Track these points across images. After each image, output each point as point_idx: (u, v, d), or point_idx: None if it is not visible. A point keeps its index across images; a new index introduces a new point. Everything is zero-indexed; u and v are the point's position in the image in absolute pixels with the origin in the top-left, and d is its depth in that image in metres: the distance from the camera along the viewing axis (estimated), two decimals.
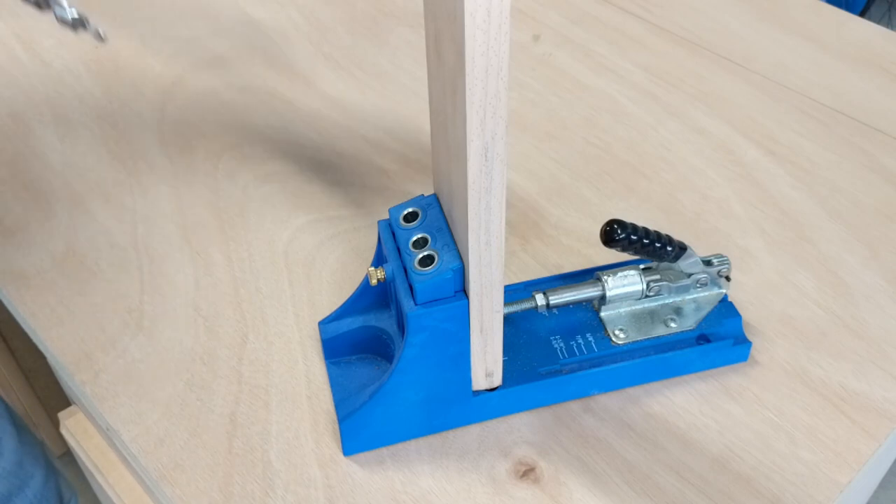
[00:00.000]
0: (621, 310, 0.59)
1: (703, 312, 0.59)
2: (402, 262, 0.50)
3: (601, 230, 0.52)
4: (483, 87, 0.38)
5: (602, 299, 0.58)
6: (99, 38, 0.67)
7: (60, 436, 0.73)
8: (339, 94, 0.83)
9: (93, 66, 0.87)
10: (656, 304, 0.60)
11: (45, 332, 0.62)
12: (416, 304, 0.48)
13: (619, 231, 0.52)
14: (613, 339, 0.58)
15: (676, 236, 0.56)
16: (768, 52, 0.89)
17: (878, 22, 1.35)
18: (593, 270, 0.61)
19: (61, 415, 0.72)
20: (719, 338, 0.58)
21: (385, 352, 0.58)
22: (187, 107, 0.82)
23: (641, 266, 0.59)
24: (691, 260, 0.57)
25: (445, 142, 0.47)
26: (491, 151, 0.41)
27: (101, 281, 0.66)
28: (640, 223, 0.54)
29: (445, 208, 0.51)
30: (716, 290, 0.60)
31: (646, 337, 0.58)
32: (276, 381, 0.59)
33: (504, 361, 0.54)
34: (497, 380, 0.55)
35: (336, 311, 0.60)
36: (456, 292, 0.49)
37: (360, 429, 0.54)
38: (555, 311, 0.58)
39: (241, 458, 0.55)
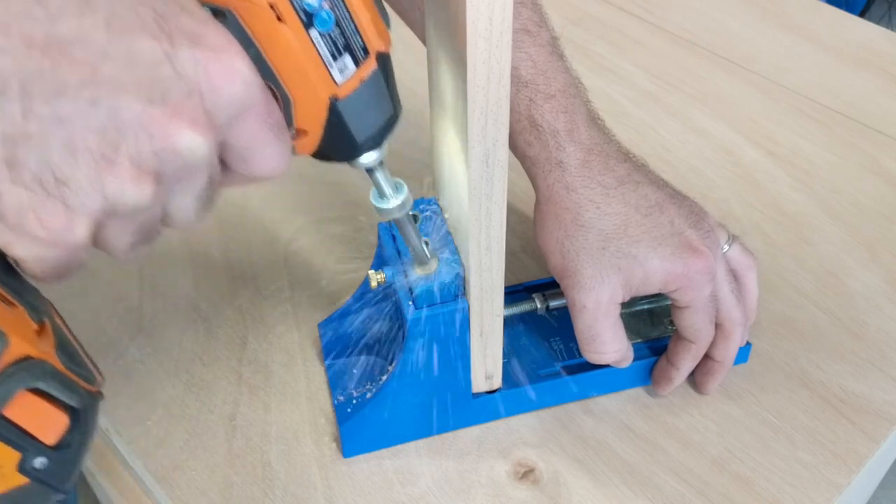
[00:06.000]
0: (621, 312, 0.59)
1: None
2: (402, 265, 0.50)
3: None
4: (485, 95, 0.38)
5: None
6: None
7: None
8: None
9: None
10: (656, 305, 0.60)
11: None
12: (416, 308, 0.48)
13: None
14: None
15: None
16: (768, 52, 0.89)
17: (878, 22, 1.35)
18: None
19: None
20: None
21: (385, 353, 0.58)
22: None
23: None
24: None
25: (446, 146, 0.47)
26: (492, 158, 0.41)
27: (101, 281, 0.66)
28: None
29: (446, 212, 0.51)
30: None
31: (645, 339, 0.59)
32: (275, 382, 0.59)
33: (504, 363, 0.54)
34: (497, 382, 0.55)
35: (336, 313, 0.60)
36: (456, 296, 0.49)
37: (361, 431, 0.54)
38: (554, 312, 0.58)
39: (241, 459, 0.55)
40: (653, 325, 0.60)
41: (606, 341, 0.52)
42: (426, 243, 0.48)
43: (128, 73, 0.30)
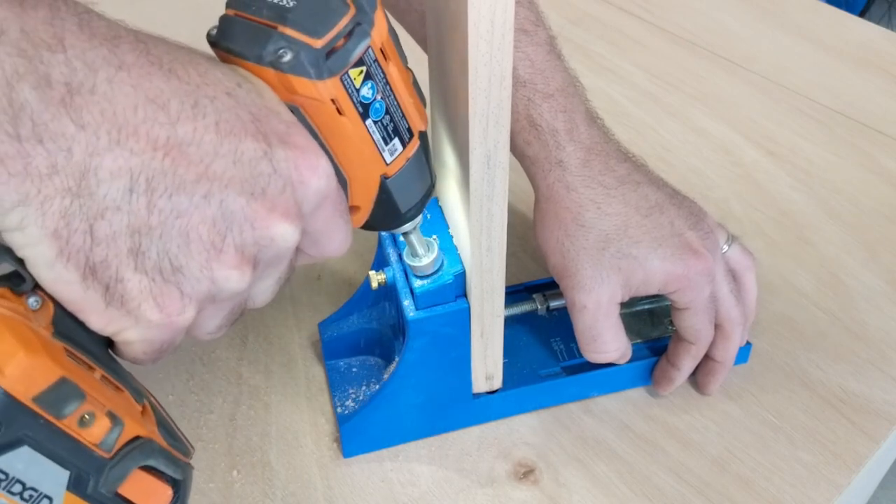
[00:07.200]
0: (621, 311, 0.59)
1: None
2: (402, 266, 0.50)
3: None
4: (486, 97, 0.38)
5: None
6: None
7: None
8: None
9: None
10: (656, 305, 0.60)
11: None
12: (416, 309, 0.49)
13: None
14: None
15: None
16: (768, 52, 0.89)
17: (878, 22, 1.35)
18: None
19: None
20: None
21: (385, 353, 0.58)
22: None
23: None
24: None
25: (447, 147, 0.47)
26: (493, 160, 0.41)
27: None
28: None
29: (446, 212, 0.51)
30: None
31: (645, 339, 0.59)
32: (275, 382, 0.59)
33: (504, 363, 0.54)
34: (497, 382, 0.55)
35: (336, 313, 0.60)
36: (457, 297, 0.49)
37: (361, 431, 0.54)
38: (555, 312, 0.58)
39: (241, 459, 0.55)
40: (653, 325, 0.60)
41: (607, 341, 0.52)
42: (427, 245, 0.48)
43: (234, 170, 0.33)
